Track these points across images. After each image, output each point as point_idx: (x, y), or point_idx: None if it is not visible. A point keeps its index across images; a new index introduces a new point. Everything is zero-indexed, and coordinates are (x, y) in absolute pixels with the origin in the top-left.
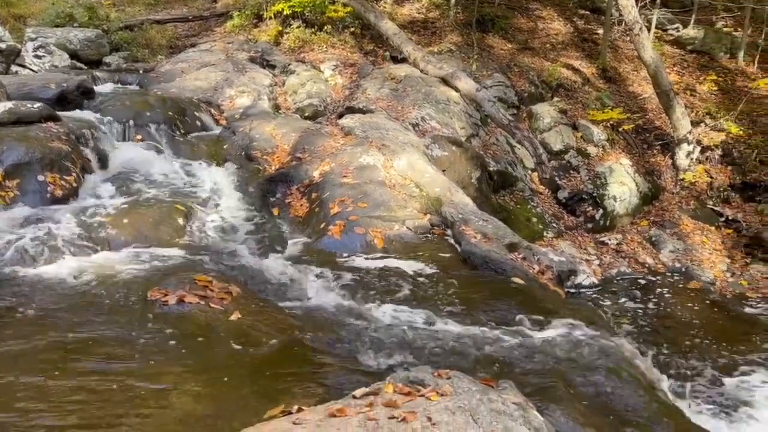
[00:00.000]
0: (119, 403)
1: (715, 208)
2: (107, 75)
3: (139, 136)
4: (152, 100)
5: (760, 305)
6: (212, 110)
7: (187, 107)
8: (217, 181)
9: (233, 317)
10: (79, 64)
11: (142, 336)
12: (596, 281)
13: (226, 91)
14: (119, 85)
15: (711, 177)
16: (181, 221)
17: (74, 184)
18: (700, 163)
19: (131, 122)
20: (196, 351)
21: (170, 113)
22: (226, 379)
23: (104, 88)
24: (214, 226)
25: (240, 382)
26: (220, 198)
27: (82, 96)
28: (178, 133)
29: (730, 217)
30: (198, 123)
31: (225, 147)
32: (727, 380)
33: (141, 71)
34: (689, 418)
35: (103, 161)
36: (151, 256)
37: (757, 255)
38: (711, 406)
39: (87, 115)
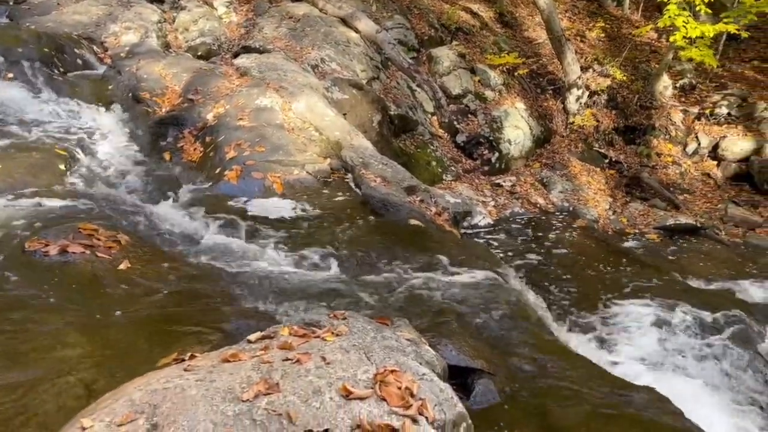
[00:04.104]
0: None
1: (601, 150)
2: None
3: (10, 75)
4: (25, 35)
5: (636, 240)
6: (95, 48)
7: (66, 44)
8: (103, 124)
9: (122, 266)
10: None
11: (19, 288)
12: (491, 221)
13: (110, 27)
14: None
15: (597, 121)
16: (62, 167)
17: None
18: (588, 107)
19: (1, 59)
20: (82, 302)
21: (46, 50)
22: (116, 329)
23: None
24: (100, 172)
25: (131, 332)
26: (106, 142)
27: None
28: (56, 71)
29: (613, 159)
30: (79, 61)
31: (110, 87)
32: (605, 309)
33: (11, 2)
34: (571, 347)
35: None
36: (29, 205)
37: (635, 194)
38: (590, 335)
39: None
